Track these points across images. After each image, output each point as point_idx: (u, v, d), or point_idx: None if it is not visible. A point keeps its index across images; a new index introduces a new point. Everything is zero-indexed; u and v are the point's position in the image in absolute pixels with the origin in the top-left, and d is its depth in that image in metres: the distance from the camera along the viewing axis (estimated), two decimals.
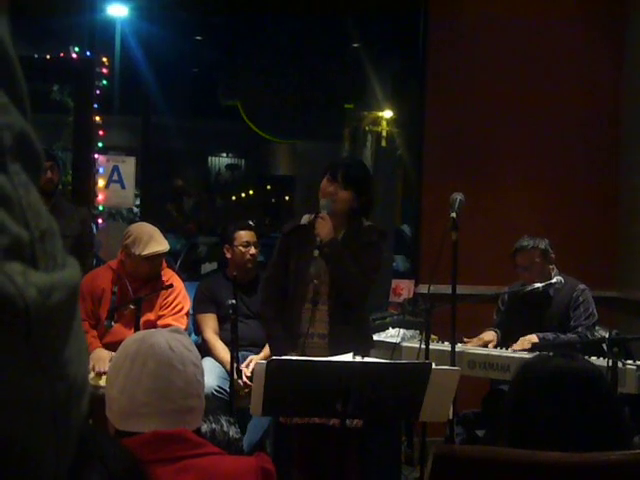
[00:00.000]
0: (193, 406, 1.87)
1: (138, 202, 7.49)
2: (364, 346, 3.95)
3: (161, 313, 4.91)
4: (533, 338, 4.81)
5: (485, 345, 4.90)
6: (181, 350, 1.87)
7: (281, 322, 4.16)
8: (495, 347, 4.89)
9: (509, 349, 4.79)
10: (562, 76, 6.27)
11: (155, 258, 4.86)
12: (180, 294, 4.97)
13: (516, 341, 4.86)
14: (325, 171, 4.13)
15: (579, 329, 4.94)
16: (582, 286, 5.07)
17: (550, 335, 4.85)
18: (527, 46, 6.27)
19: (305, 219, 4.15)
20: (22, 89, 0.63)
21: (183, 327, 4.76)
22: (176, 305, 4.93)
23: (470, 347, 4.83)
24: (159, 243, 4.86)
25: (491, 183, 6.21)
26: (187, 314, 5.02)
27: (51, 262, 0.61)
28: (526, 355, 4.64)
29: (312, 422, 3.78)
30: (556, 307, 5.04)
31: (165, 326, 4.53)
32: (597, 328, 5.02)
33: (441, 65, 6.31)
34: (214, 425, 2.77)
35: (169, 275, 5.04)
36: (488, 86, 6.26)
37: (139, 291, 4.86)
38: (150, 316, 4.81)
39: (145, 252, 4.78)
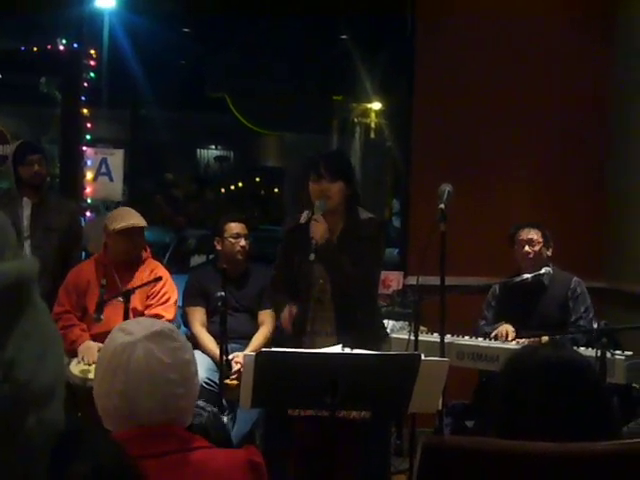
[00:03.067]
0: (174, 417, 1.84)
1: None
2: (376, 340, 3.91)
3: (149, 303, 4.91)
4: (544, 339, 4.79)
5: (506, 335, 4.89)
6: (155, 366, 1.82)
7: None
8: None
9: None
10: (550, 66, 6.26)
11: (131, 234, 4.87)
12: (167, 283, 4.98)
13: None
14: (307, 173, 4.10)
15: (580, 322, 4.97)
16: (577, 278, 5.11)
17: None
18: (516, 38, 6.25)
19: (304, 217, 4.13)
20: None
21: (171, 317, 4.86)
22: (163, 295, 4.94)
23: (459, 338, 4.84)
24: (133, 218, 4.89)
25: (479, 174, 6.21)
26: (175, 303, 5.02)
27: None
28: (514, 345, 4.65)
29: (306, 414, 3.77)
30: (552, 297, 5.07)
31: (153, 316, 4.60)
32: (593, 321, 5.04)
33: (429, 56, 6.30)
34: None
35: (154, 265, 5.04)
36: (476, 78, 6.25)
37: (125, 278, 4.87)
38: (137, 305, 4.82)
39: (119, 225, 4.82)
